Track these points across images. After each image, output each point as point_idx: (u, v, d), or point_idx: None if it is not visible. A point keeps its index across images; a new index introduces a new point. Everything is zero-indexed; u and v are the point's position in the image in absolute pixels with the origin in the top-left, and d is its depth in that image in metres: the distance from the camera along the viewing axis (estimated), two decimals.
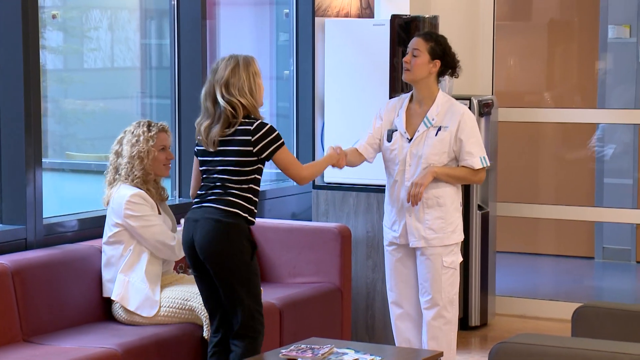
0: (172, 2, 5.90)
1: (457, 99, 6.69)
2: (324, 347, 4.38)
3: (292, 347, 4.41)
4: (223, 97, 4.56)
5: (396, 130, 5.19)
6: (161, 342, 4.82)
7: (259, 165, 4.65)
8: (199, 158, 4.73)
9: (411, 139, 5.14)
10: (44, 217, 5.15)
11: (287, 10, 6.71)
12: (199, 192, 4.71)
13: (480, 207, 6.84)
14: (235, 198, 4.60)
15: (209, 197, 4.63)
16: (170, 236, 5.05)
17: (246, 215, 4.63)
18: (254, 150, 4.58)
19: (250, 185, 4.63)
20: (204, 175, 4.68)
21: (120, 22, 6.50)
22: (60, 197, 5.92)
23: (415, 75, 5.12)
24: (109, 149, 5.17)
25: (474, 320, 6.81)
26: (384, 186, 5.36)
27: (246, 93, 4.58)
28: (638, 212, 7.45)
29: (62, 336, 4.79)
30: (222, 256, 4.58)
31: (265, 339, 4.84)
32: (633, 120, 7.60)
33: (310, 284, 5.75)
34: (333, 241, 5.82)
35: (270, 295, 5.42)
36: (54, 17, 5.90)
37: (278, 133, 4.63)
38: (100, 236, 5.20)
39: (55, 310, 4.91)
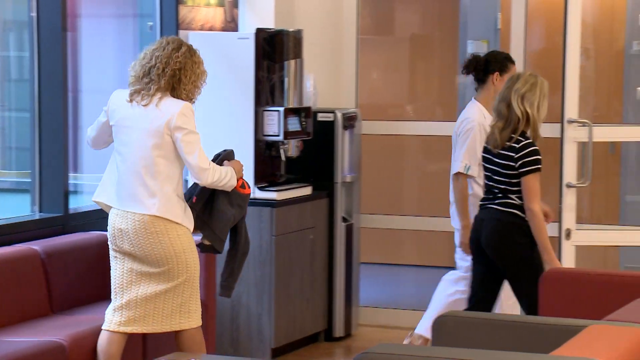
0: (32, 14, 5.79)
1: (321, 112, 6.81)
2: None
3: None
4: (518, 106, 5.27)
5: None
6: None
7: None
8: (484, 164, 5.46)
9: None
10: None
11: (151, 23, 6.66)
12: (485, 195, 5.47)
13: (344, 219, 6.91)
14: (514, 201, 5.33)
15: (494, 201, 5.38)
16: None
17: (523, 215, 5.31)
18: (516, 166, 5.28)
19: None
20: (489, 183, 5.43)
21: None
22: None
23: None
24: None
25: (338, 331, 6.87)
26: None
27: (534, 107, 5.29)
28: None
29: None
30: (500, 250, 5.37)
31: (127, 356, 4.81)
32: None
33: None
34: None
35: None
36: None
37: (539, 158, 5.29)
38: None
39: None
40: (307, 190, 6.60)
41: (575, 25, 6.60)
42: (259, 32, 6.32)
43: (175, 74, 4.80)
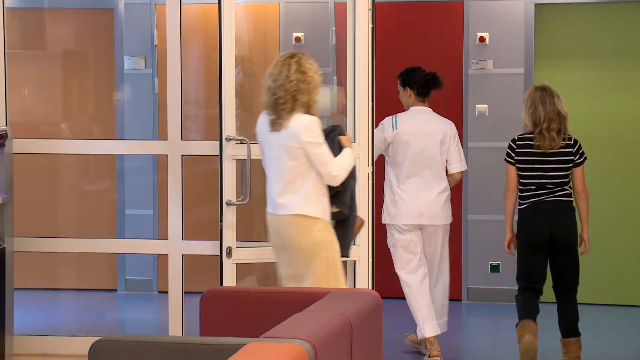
0: None
1: None
2: None
3: None
4: (562, 111, 6.54)
5: None
6: None
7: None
8: (533, 165, 6.54)
9: None
10: None
11: None
12: (534, 192, 6.56)
13: None
14: (568, 191, 6.57)
15: (552, 194, 6.53)
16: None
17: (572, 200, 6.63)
18: (575, 159, 6.58)
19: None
20: (538, 180, 6.53)
21: None
22: None
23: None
24: None
25: None
26: None
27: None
28: (159, 242, 7.53)
29: None
30: (569, 231, 6.54)
31: None
32: (152, 150, 7.69)
33: None
34: None
35: None
36: None
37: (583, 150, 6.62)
38: None
39: None
40: None
41: (230, 42, 6.60)
42: None
43: (295, 97, 5.57)
